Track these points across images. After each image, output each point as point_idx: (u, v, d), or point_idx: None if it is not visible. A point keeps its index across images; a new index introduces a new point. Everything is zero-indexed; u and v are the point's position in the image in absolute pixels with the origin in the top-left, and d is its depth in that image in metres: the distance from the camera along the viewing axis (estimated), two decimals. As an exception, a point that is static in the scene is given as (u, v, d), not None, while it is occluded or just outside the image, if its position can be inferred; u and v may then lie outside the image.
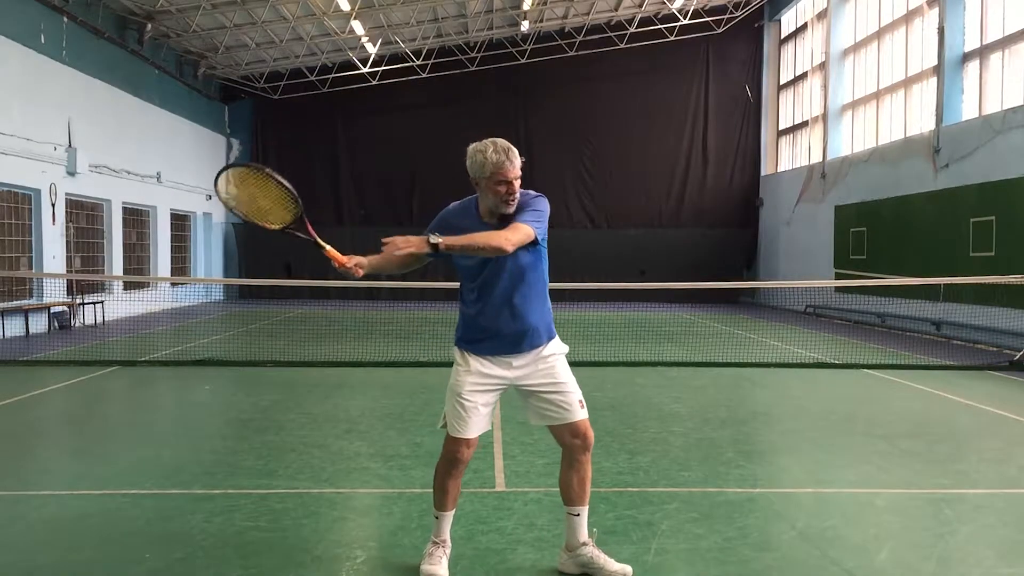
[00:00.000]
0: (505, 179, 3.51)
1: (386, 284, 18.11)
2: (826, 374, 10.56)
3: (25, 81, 14.80)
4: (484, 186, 3.56)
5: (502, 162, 3.49)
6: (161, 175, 20.58)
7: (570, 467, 3.74)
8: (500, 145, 3.52)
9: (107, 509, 4.66)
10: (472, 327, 3.72)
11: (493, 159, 3.48)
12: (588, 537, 3.74)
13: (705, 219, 26.04)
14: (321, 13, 19.68)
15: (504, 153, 3.49)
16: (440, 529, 3.74)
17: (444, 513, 3.73)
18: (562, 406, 3.70)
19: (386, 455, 5.94)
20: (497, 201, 3.56)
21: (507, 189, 3.53)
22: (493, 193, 3.54)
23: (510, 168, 3.50)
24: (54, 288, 15.94)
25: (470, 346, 3.71)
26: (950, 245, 15.19)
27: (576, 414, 3.71)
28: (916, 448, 6.31)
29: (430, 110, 25.36)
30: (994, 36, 15.10)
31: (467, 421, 3.63)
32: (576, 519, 3.73)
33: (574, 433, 3.71)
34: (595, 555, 3.70)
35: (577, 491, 3.73)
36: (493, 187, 3.53)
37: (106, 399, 8.66)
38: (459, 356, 3.74)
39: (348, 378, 9.59)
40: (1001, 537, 4.35)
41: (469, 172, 3.59)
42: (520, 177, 3.57)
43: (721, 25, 25.17)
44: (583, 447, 3.72)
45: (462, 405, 3.63)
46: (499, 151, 3.50)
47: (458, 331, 3.79)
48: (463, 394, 3.63)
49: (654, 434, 6.70)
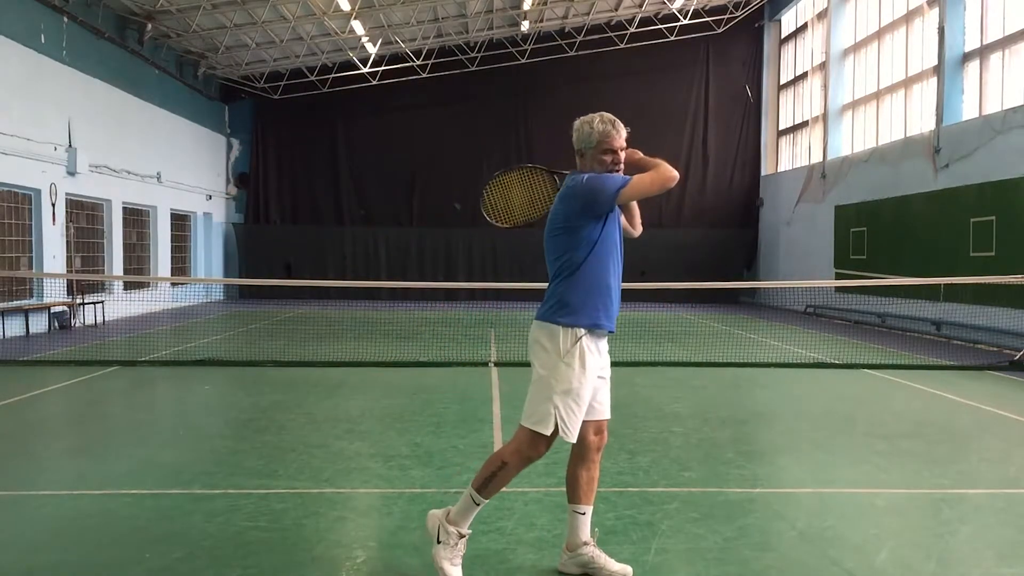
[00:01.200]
0: (611, 148, 3.63)
1: (386, 284, 18.10)
2: (826, 374, 10.56)
3: (25, 81, 14.80)
4: (590, 156, 3.67)
5: (608, 131, 3.63)
6: (161, 175, 20.58)
7: (582, 464, 3.71)
8: (606, 116, 3.67)
9: (107, 509, 4.66)
10: (598, 292, 3.55)
11: (600, 128, 3.63)
12: (590, 537, 3.72)
13: (705, 219, 26.04)
14: (321, 13, 19.67)
15: (611, 123, 3.63)
16: (470, 519, 3.62)
17: (485, 503, 3.63)
18: (605, 399, 3.73)
19: (386, 455, 5.94)
20: (602, 171, 3.63)
21: (613, 159, 3.63)
22: (599, 163, 3.64)
23: (616, 137, 3.63)
24: (54, 288, 15.94)
25: (592, 322, 3.54)
26: (950, 245, 15.19)
27: (608, 410, 3.74)
28: (916, 448, 6.31)
29: (430, 110, 25.36)
30: (994, 36, 15.10)
31: (580, 421, 3.55)
32: (581, 518, 3.70)
33: (599, 430, 3.72)
34: (596, 555, 3.68)
35: (585, 489, 3.70)
36: (599, 156, 3.64)
37: (106, 399, 8.66)
38: (574, 341, 3.51)
39: (348, 378, 9.59)
40: (1001, 537, 4.35)
41: (575, 145, 3.71)
42: (624, 150, 3.66)
43: (721, 25, 25.17)
44: (600, 445, 3.74)
45: (579, 401, 3.50)
46: (605, 121, 3.64)
47: (571, 309, 3.55)
48: (583, 390, 3.51)
49: (654, 434, 6.70)
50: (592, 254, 3.57)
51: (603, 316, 3.59)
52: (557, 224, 3.64)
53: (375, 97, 24.99)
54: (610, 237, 3.62)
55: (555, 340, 3.54)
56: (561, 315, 3.55)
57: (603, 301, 3.59)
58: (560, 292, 3.60)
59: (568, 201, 3.61)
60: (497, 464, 3.57)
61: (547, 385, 3.52)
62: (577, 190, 3.59)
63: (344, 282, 20.19)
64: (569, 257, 3.59)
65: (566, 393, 3.49)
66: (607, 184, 3.54)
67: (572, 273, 3.58)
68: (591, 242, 3.57)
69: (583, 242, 3.57)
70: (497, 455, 3.62)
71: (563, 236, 3.61)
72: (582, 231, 3.57)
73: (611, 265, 3.62)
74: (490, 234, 24.07)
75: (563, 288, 3.59)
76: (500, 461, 3.57)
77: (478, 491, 3.58)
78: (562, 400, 3.49)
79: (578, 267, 3.57)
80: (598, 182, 3.57)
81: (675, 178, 3.55)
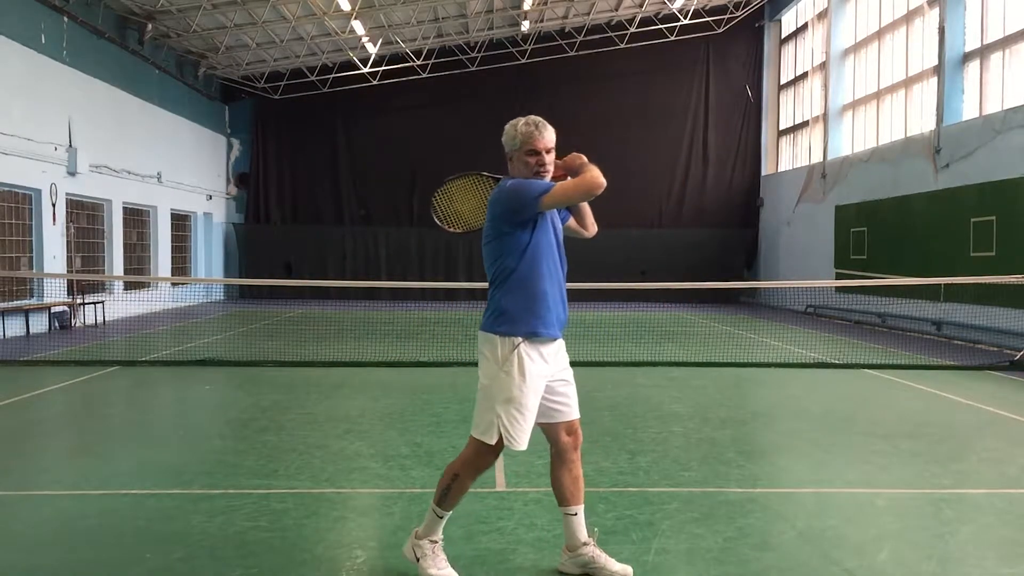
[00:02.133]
0: (535, 148, 3.59)
1: (386, 284, 18.11)
2: (826, 374, 10.55)
3: (26, 81, 14.80)
4: (517, 158, 3.64)
5: (531, 132, 3.59)
6: (161, 175, 20.58)
7: (563, 466, 3.70)
8: (532, 118, 3.65)
9: (107, 509, 4.66)
10: (533, 300, 3.52)
11: (523, 130, 3.61)
12: (589, 537, 3.72)
13: (705, 219, 26.03)
14: (321, 13, 19.67)
15: (534, 125, 3.60)
16: (440, 528, 3.69)
17: (448, 514, 3.68)
18: (571, 400, 3.69)
19: (386, 455, 5.94)
20: (528, 174, 3.61)
21: (537, 160, 3.60)
22: (524, 165, 3.62)
23: (539, 138, 3.59)
24: (54, 288, 15.93)
25: (529, 330, 3.51)
26: (950, 245, 15.18)
27: (577, 410, 3.71)
28: (916, 448, 6.31)
29: (430, 110, 25.35)
30: (994, 36, 15.10)
31: (527, 429, 3.53)
32: (574, 519, 3.70)
33: (570, 430, 3.69)
34: (596, 555, 3.68)
35: (572, 490, 3.69)
36: (524, 157, 3.61)
37: (106, 399, 8.66)
38: (512, 349, 3.50)
39: (348, 378, 9.59)
40: (1001, 537, 4.35)
41: (505, 149, 3.68)
42: (552, 151, 3.63)
43: (721, 25, 25.16)
44: (576, 444, 3.71)
45: (521, 410, 3.48)
46: (529, 123, 3.62)
47: (507, 318, 3.54)
48: (525, 398, 3.48)
49: (654, 434, 6.70)
50: (523, 261, 3.54)
51: (540, 324, 3.54)
52: (488, 231, 3.64)
53: (375, 97, 24.99)
54: (543, 243, 3.58)
55: (494, 349, 3.54)
56: (498, 324, 3.55)
57: (539, 308, 3.54)
58: (496, 300, 3.60)
59: (493, 207, 3.61)
60: (450, 476, 3.61)
61: (489, 395, 3.54)
62: (500, 196, 3.59)
63: (344, 282, 20.20)
64: (501, 264, 3.59)
65: (507, 402, 3.48)
66: (529, 190, 3.51)
67: (505, 281, 3.57)
68: (521, 249, 3.54)
69: (513, 249, 3.55)
70: (449, 468, 3.65)
71: (494, 243, 3.61)
72: (511, 238, 3.55)
73: (545, 271, 3.57)
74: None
75: (499, 296, 3.59)
76: (452, 473, 3.61)
77: (438, 505, 3.64)
78: (504, 409, 3.48)
79: (510, 274, 3.56)
80: (520, 188, 3.55)
81: (600, 185, 3.48)
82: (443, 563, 3.64)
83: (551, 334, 3.58)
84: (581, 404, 3.78)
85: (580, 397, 3.79)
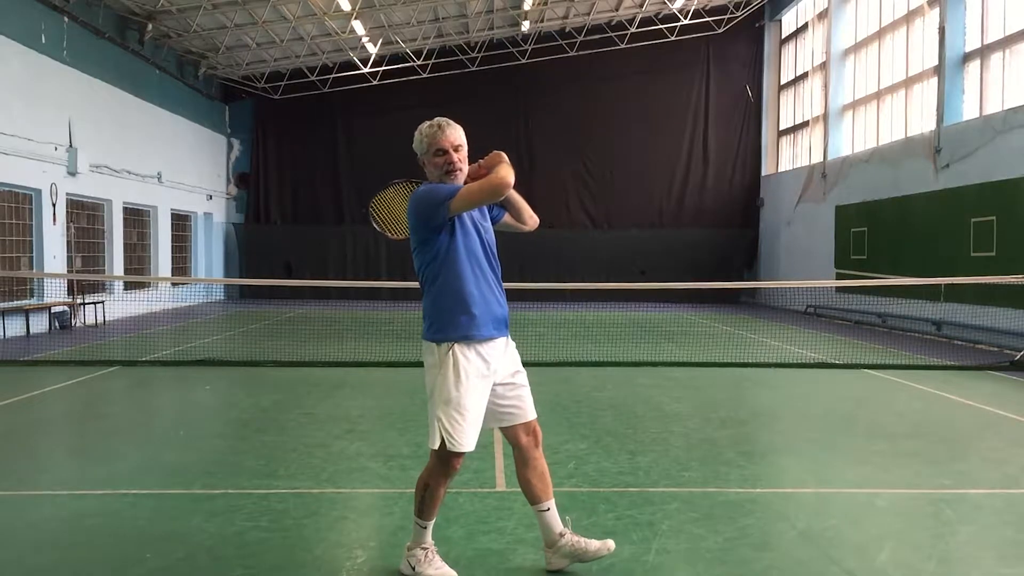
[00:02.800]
0: (441, 148, 3.58)
1: (386, 284, 18.11)
2: (827, 374, 10.55)
3: (26, 81, 14.80)
4: (428, 163, 3.64)
5: (434, 133, 3.60)
6: (162, 175, 20.59)
7: (526, 466, 3.70)
8: (436, 120, 3.65)
9: (107, 509, 4.66)
10: (460, 304, 3.51)
11: (427, 132, 3.62)
12: (564, 527, 3.73)
13: (706, 219, 26.02)
14: (322, 13, 19.67)
15: (437, 125, 3.61)
16: (427, 536, 3.69)
17: (431, 522, 3.68)
18: (524, 403, 3.68)
19: (386, 455, 5.94)
20: (440, 174, 3.60)
21: (445, 159, 3.58)
22: (435, 166, 3.61)
23: (443, 137, 3.58)
24: (55, 288, 15.94)
25: (461, 335, 3.50)
26: (951, 245, 15.18)
27: (532, 411, 3.70)
28: (917, 448, 6.31)
29: (430, 110, 25.06)
30: (995, 36, 15.09)
31: (468, 430, 3.50)
32: (547, 514, 3.71)
33: (528, 431, 3.69)
34: (574, 541, 3.70)
35: (540, 487, 3.69)
36: (433, 159, 3.61)
37: (106, 399, 8.66)
38: (447, 351, 3.50)
39: (348, 378, 9.59)
40: (1002, 537, 4.35)
41: (417, 156, 3.70)
42: (462, 148, 3.61)
43: (722, 25, 25.16)
44: (536, 443, 3.71)
45: (461, 411, 3.47)
46: (432, 125, 3.63)
47: (439, 324, 3.54)
48: (464, 399, 3.47)
49: (655, 434, 6.69)
50: (445, 266, 3.53)
51: (471, 326, 3.51)
52: (412, 241, 3.65)
53: (375, 97, 24.98)
54: (464, 245, 3.55)
55: (432, 355, 3.56)
56: (432, 332, 3.57)
57: (468, 311, 3.51)
58: (427, 307, 3.62)
59: (410, 215, 3.62)
60: (422, 488, 3.64)
61: (432, 401, 3.54)
62: (412, 203, 3.60)
63: (344, 282, 20.19)
64: (426, 271, 3.60)
65: (446, 403, 3.47)
66: (435, 196, 3.50)
67: (432, 286, 3.58)
68: (442, 254, 3.54)
69: (435, 255, 3.55)
70: (419, 480, 3.67)
71: (417, 251, 3.62)
72: (430, 244, 3.55)
73: (470, 273, 3.54)
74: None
75: (428, 303, 3.61)
76: (423, 484, 3.63)
77: (418, 516, 3.67)
78: (443, 411, 3.48)
79: (435, 280, 3.56)
80: (427, 195, 3.54)
81: (506, 185, 3.46)
82: (439, 563, 3.66)
83: (484, 334, 3.54)
84: (582, 404, 3.79)
85: (580, 397, 3.80)
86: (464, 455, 3.56)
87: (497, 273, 3.68)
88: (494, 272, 3.66)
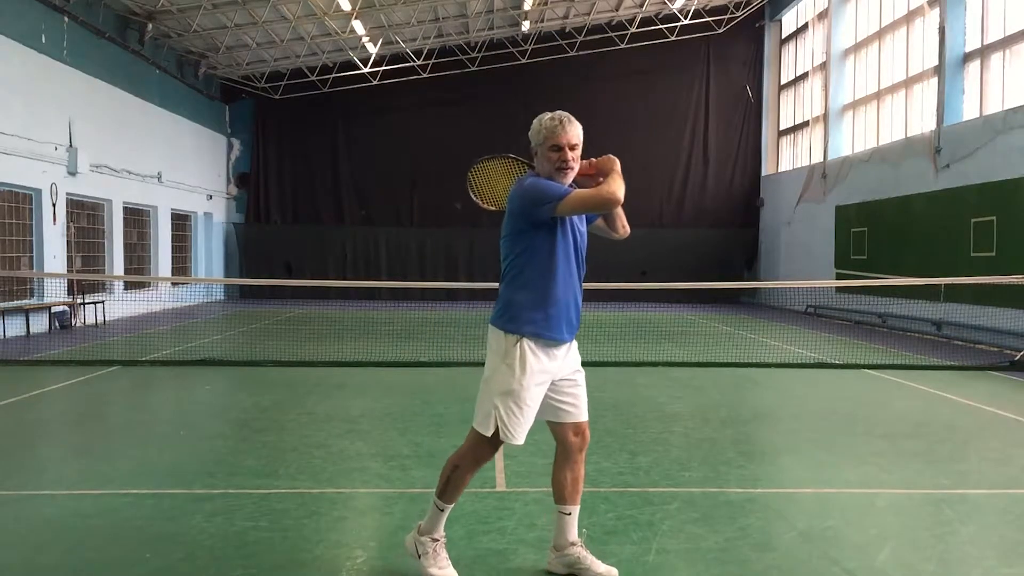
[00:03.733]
0: (557, 144, 3.51)
1: (386, 284, 18.14)
2: (827, 374, 10.55)
3: (26, 81, 14.80)
4: (541, 154, 3.57)
5: (554, 127, 3.52)
6: (162, 175, 20.58)
7: (566, 465, 3.70)
8: (559, 114, 3.56)
9: (107, 509, 4.66)
10: (540, 302, 3.50)
11: (548, 124, 3.53)
12: (577, 537, 3.72)
13: (706, 219, 26.03)
14: (322, 13, 19.67)
15: (559, 120, 3.53)
16: (441, 524, 3.69)
17: (449, 507, 3.69)
18: (579, 402, 3.69)
19: (386, 455, 5.93)
20: (551, 169, 3.54)
21: (559, 156, 3.52)
22: (548, 160, 3.55)
23: (562, 133, 3.51)
24: (55, 288, 15.94)
25: (534, 332, 3.50)
26: (951, 245, 15.18)
27: (585, 412, 3.71)
28: (917, 448, 6.31)
29: (430, 110, 25.35)
30: (995, 36, 15.10)
31: (524, 424, 3.51)
32: (567, 518, 3.70)
33: (577, 431, 3.70)
34: (582, 556, 3.67)
35: (571, 490, 3.69)
36: (547, 153, 3.54)
37: (106, 399, 8.66)
38: (515, 344, 3.50)
39: (349, 378, 9.58)
40: (1002, 537, 4.35)
41: (531, 143, 3.62)
42: (577, 147, 3.55)
43: (722, 25, 25.16)
44: (581, 446, 3.71)
45: (520, 404, 3.48)
46: (554, 118, 3.54)
47: (513, 314, 3.54)
48: (525, 393, 3.47)
49: (655, 434, 6.70)
50: (535, 261, 3.51)
51: (545, 326, 3.50)
52: (505, 225, 3.61)
53: (375, 97, 24.98)
54: (558, 246, 3.52)
55: (499, 342, 3.55)
56: (503, 320, 3.56)
57: (546, 312, 3.50)
58: (505, 296, 3.60)
59: (511, 202, 3.58)
60: (450, 468, 3.62)
61: (490, 387, 3.54)
62: (518, 192, 3.55)
63: (344, 282, 20.21)
64: (514, 261, 3.57)
65: (506, 395, 3.47)
66: (545, 193, 3.46)
67: (517, 277, 3.55)
68: (534, 248, 3.51)
69: (527, 247, 3.52)
70: (449, 460, 3.66)
71: (508, 239, 3.59)
72: (525, 236, 3.52)
73: (558, 275, 3.52)
74: (492, 233, 24.05)
75: (508, 293, 3.59)
76: (452, 465, 3.62)
77: (439, 497, 3.65)
78: (502, 402, 3.48)
79: (521, 272, 3.54)
80: (536, 189, 3.50)
81: (616, 201, 3.43)
82: (444, 562, 3.65)
83: (556, 337, 3.55)
84: (582, 404, 3.77)
85: (580, 397, 3.78)
86: (502, 447, 3.58)
87: (582, 277, 3.68)
88: (580, 276, 3.66)
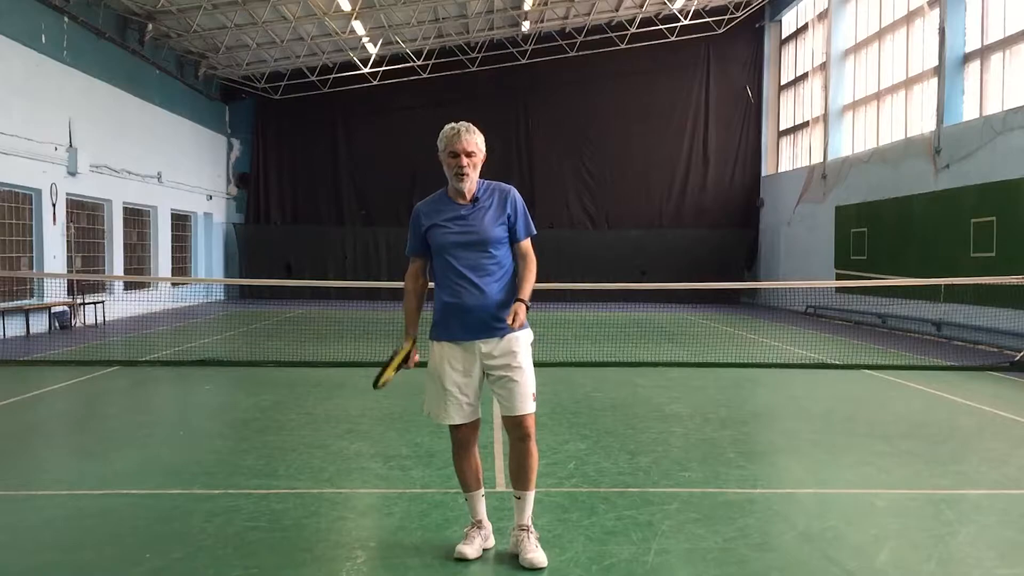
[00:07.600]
0: (454, 151, 3.77)
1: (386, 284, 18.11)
2: (827, 374, 10.55)
3: (26, 81, 14.80)
4: (443, 160, 3.85)
5: (452, 136, 3.79)
6: (162, 175, 20.59)
7: (511, 451, 3.98)
8: (460, 123, 3.84)
9: (107, 509, 4.66)
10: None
11: (447, 132, 3.82)
12: (526, 523, 3.87)
13: (706, 219, 26.03)
14: (322, 13, 19.67)
15: (457, 129, 3.79)
16: (473, 510, 3.94)
17: (470, 494, 3.95)
18: (508, 397, 3.87)
19: (386, 455, 5.94)
20: (450, 174, 3.83)
21: (456, 162, 3.78)
22: (447, 165, 3.83)
23: (458, 141, 3.77)
24: (55, 288, 15.94)
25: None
26: (951, 246, 15.18)
27: (515, 408, 3.85)
28: (917, 449, 6.31)
29: (430, 110, 25.24)
30: (995, 36, 15.09)
31: (441, 405, 3.92)
32: (517, 502, 3.91)
33: (510, 424, 3.91)
34: (522, 539, 3.85)
35: (517, 475, 3.90)
36: (446, 159, 3.82)
37: (106, 399, 8.66)
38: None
39: (349, 378, 9.58)
40: (1002, 538, 4.35)
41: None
42: (474, 155, 3.79)
43: (722, 26, 25.16)
44: (519, 436, 3.88)
45: (433, 383, 4.00)
46: (454, 127, 3.82)
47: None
48: (435, 375, 3.99)
49: (655, 434, 6.69)
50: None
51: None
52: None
53: (375, 97, 24.98)
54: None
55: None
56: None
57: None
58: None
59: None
60: None
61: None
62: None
63: (344, 282, 20.17)
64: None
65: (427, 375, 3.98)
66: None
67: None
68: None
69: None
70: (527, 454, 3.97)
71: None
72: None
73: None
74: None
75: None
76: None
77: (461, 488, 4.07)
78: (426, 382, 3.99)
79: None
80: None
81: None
82: (468, 541, 3.90)
83: (448, 338, 4.03)
84: (582, 404, 3.79)
85: (580, 397, 3.82)
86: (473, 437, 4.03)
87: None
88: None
